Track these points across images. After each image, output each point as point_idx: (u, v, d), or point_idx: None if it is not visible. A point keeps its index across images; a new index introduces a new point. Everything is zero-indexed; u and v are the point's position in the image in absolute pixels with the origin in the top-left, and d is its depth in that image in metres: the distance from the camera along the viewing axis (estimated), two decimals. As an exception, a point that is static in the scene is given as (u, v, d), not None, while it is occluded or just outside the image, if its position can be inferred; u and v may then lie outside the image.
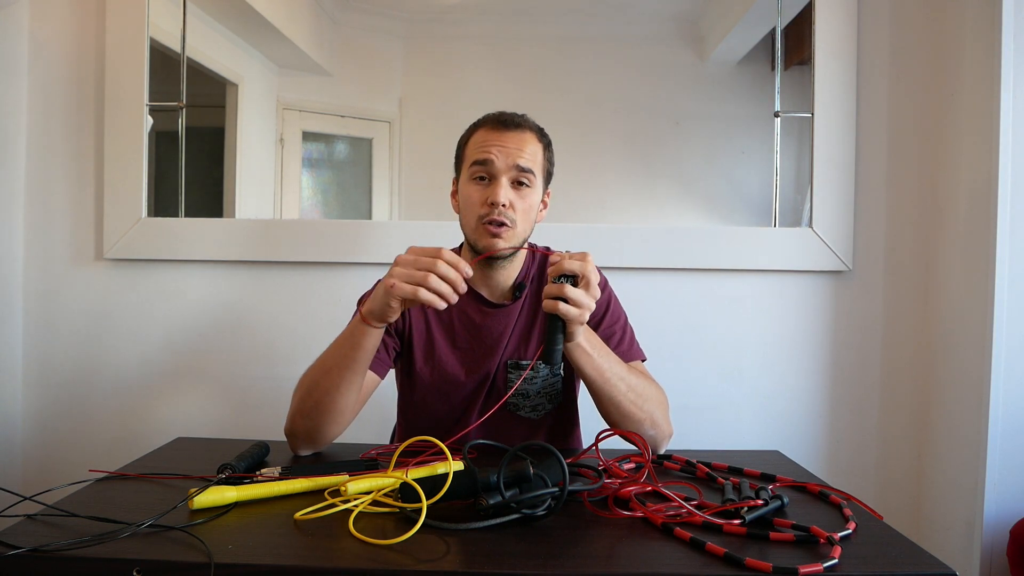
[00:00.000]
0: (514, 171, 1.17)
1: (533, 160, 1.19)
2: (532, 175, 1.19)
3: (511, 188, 1.17)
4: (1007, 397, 1.44)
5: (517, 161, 1.17)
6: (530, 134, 1.21)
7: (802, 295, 1.72)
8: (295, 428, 1.14)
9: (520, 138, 1.19)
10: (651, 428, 1.14)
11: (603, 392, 1.12)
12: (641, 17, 1.78)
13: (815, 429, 1.73)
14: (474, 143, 1.21)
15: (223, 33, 1.77)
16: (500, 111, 1.23)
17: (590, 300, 1.00)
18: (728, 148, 1.77)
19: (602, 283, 1.29)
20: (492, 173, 1.18)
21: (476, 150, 1.19)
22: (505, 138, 1.18)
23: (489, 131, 1.20)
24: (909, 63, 1.69)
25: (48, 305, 1.75)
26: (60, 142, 1.74)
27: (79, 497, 0.92)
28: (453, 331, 1.26)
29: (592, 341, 1.10)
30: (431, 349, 1.26)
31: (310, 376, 1.13)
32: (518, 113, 1.24)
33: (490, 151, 1.17)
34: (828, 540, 0.78)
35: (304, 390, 1.13)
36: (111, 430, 1.74)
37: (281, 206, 1.80)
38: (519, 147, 1.18)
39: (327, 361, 1.11)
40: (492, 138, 1.19)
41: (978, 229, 1.50)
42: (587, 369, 1.10)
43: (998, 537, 1.43)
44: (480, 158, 1.18)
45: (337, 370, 1.09)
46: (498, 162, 1.17)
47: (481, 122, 1.23)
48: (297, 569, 0.72)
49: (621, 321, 1.28)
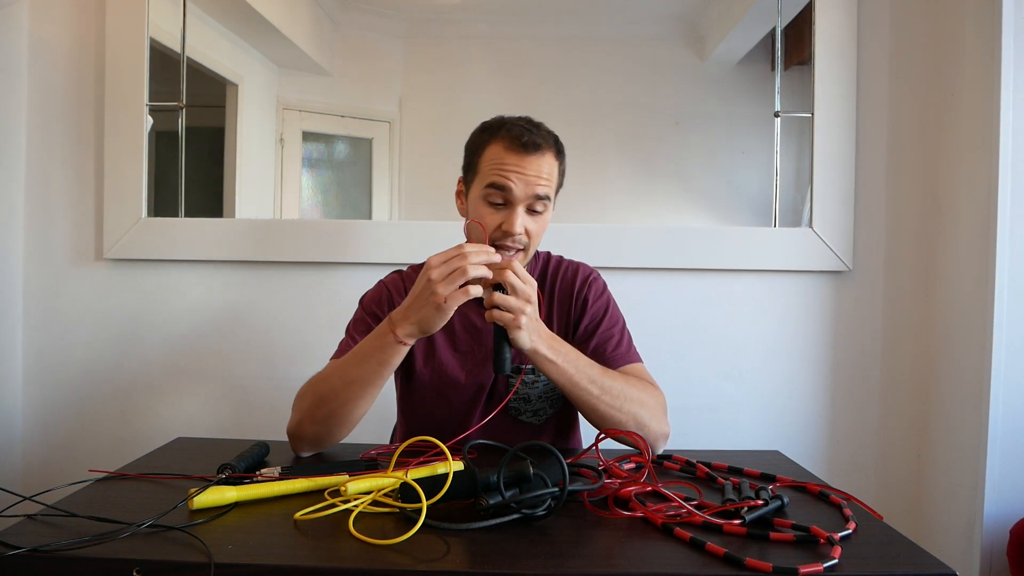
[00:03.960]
0: (531, 200, 1.13)
1: (550, 183, 1.15)
2: (548, 200, 1.16)
3: (526, 215, 1.14)
4: (1007, 397, 1.44)
5: (536, 191, 1.13)
6: (549, 154, 1.15)
7: (802, 295, 1.72)
8: (303, 432, 1.12)
9: (540, 163, 1.13)
10: (637, 429, 1.11)
11: (574, 396, 1.11)
12: (641, 17, 1.78)
13: (815, 429, 1.73)
14: (490, 159, 1.14)
15: (223, 33, 1.77)
16: (516, 122, 1.17)
17: (520, 304, 1.02)
18: (728, 148, 1.77)
19: (601, 288, 1.30)
20: (509, 200, 1.13)
21: (492, 170, 1.13)
22: (525, 163, 1.12)
23: (507, 151, 1.13)
24: (909, 63, 1.69)
25: (48, 305, 1.75)
26: (60, 142, 1.74)
27: (79, 497, 0.92)
28: (454, 334, 1.26)
29: (557, 348, 1.09)
30: (432, 351, 1.25)
31: (327, 385, 1.11)
32: (536, 126, 1.17)
33: (509, 178, 1.12)
34: (828, 540, 0.78)
35: (317, 397, 1.11)
36: (111, 430, 1.74)
37: (281, 206, 1.80)
38: (538, 173, 1.13)
39: (348, 373, 1.09)
40: (511, 162, 1.12)
41: (978, 229, 1.50)
42: (552, 375, 1.09)
43: (998, 537, 1.43)
44: (497, 182, 1.12)
45: (360, 384, 1.08)
46: (516, 191, 1.12)
47: (499, 134, 1.15)
48: (297, 569, 0.72)
49: (619, 325, 1.28)
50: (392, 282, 1.29)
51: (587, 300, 1.27)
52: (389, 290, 1.28)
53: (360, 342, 1.11)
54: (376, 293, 1.29)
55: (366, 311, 1.26)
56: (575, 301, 1.27)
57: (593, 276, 1.30)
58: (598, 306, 1.27)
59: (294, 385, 1.17)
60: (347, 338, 1.24)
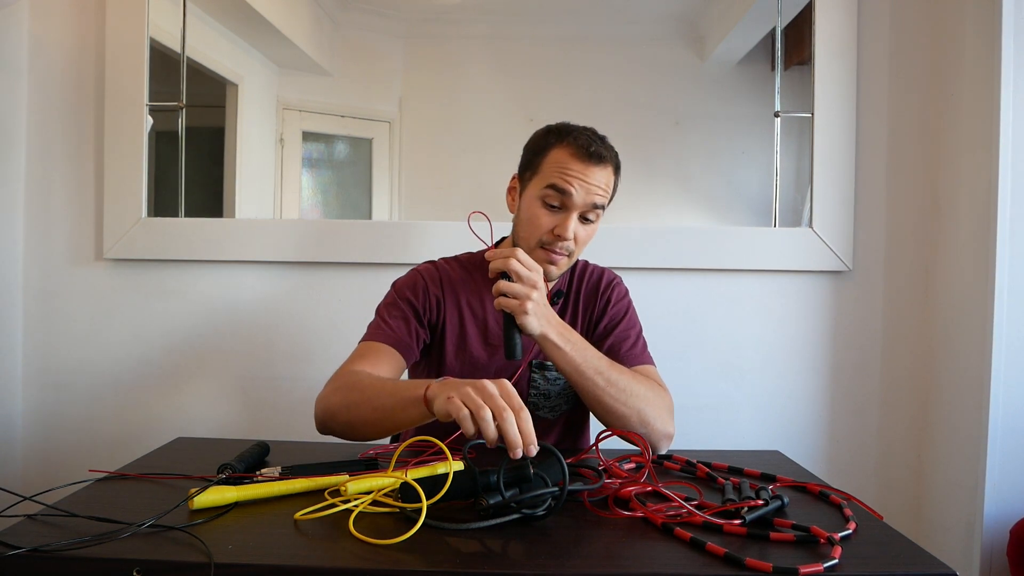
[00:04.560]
0: (588, 207, 1.18)
1: (607, 195, 1.20)
2: (601, 211, 1.21)
3: (579, 222, 1.18)
4: (1007, 397, 1.44)
5: (594, 200, 1.17)
6: (610, 168, 1.19)
7: (802, 295, 1.72)
8: (329, 423, 1.10)
9: (602, 175, 1.18)
10: (640, 426, 1.12)
11: (580, 386, 1.13)
12: (641, 17, 1.78)
13: (815, 429, 1.73)
14: (554, 162, 1.18)
15: (223, 33, 1.77)
16: (584, 132, 1.20)
17: (525, 290, 1.05)
18: (728, 148, 1.77)
19: (623, 292, 1.34)
20: (567, 205, 1.17)
21: (555, 173, 1.17)
22: (588, 172, 1.16)
23: (572, 157, 1.16)
24: (909, 63, 1.69)
25: (48, 305, 1.75)
26: (60, 142, 1.74)
27: (79, 497, 0.92)
28: (487, 327, 1.28)
29: (567, 336, 1.11)
30: (463, 342, 1.27)
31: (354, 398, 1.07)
32: (601, 139, 1.21)
33: (572, 184, 1.16)
34: (828, 540, 0.78)
35: (345, 401, 1.08)
36: (111, 430, 1.74)
37: (281, 206, 1.80)
38: (599, 185, 1.17)
39: (379, 401, 1.04)
40: (576, 169, 1.16)
41: (978, 229, 1.50)
42: (560, 363, 1.11)
43: (998, 537, 1.43)
44: (559, 185, 1.16)
45: (382, 422, 1.05)
46: (576, 198, 1.16)
47: (565, 139, 1.18)
48: (297, 569, 0.72)
49: (636, 328, 1.31)
50: (426, 270, 1.30)
51: (609, 301, 1.31)
52: (424, 277, 1.28)
53: (400, 385, 1.05)
54: (410, 279, 1.29)
55: (399, 295, 1.27)
56: (598, 302, 1.32)
57: (616, 280, 1.35)
58: (618, 308, 1.31)
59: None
60: (377, 319, 1.25)
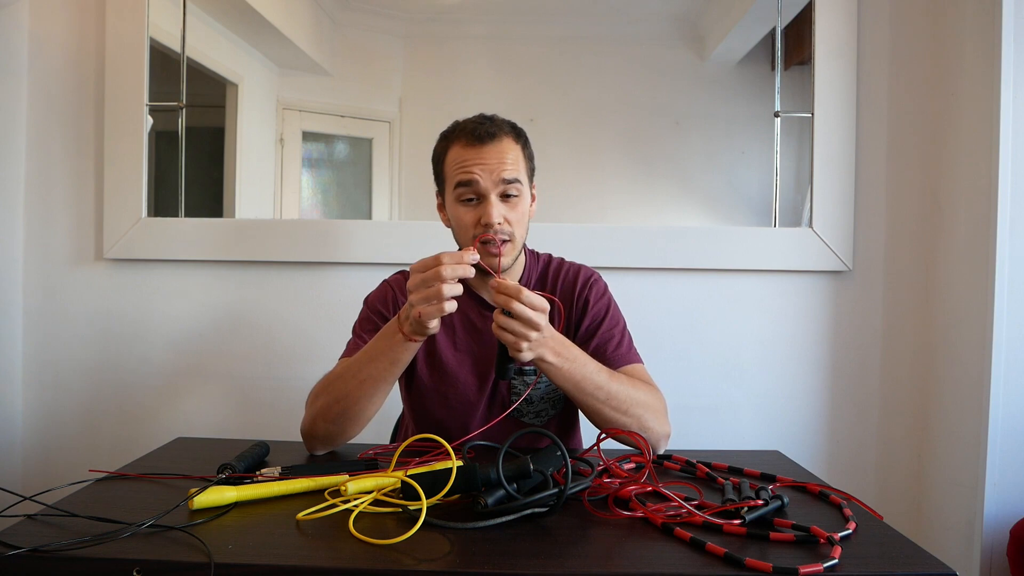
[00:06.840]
0: (501, 185, 1.15)
1: (516, 167, 1.17)
2: (519, 183, 1.17)
3: (501, 203, 1.16)
4: (1007, 397, 1.44)
5: (502, 175, 1.15)
6: (507, 140, 1.17)
7: (802, 295, 1.72)
8: (317, 431, 1.14)
9: (498, 149, 1.16)
10: (640, 431, 1.11)
11: (579, 401, 1.12)
12: (641, 17, 1.78)
13: (815, 429, 1.73)
14: (452, 161, 1.18)
15: (223, 33, 1.77)
16: (470, 120, 1.19)
17: (524, 330, 1.00)
18: (728, 148, 1.77)
19: (602, 289, 1.30)
20: (479, 192, 1.15)
21: (456, 170, 1.16)
22: (484, 153, 1.15)
23: (465, 147, 1.16)
24: (909, 63, 1.69)
25: (48, 305, 1.75)
26: (60, 142, 1.74)
27: (79, 497, 0.92)
28: (455, 333, 1.26)
29: (564, 354, 1.08)
30: (433, 350, 1.26)
31: (340, 384, 1.12)
32: (488, 118, 1.20)
33: (472, 171, 1.14)
34: (828, 540, 0.78)
35: (331, 397, 1.12)
36: (111, 430, 1.74)
37: (281, 206, 1.80)
38: (500, 160, 1.15)
39: (361, 372, 1.10)
40: (470, 156, 1.15)
41: (978, 229, 1.50)
42: (558, 382, 1.10)
43: (998, 537, 1.43)
44: (463, 179, 1.15)
45: (372, 382, 1.09)
46: (483, 181, 1.14)
47: (453, 136, 1.19)
48: (297, 569, 0.72)
49: (620, 326, 1.28)
50: (396, 282, 1.30)
51: (588, 301, 1.27)
52: (393, 289, 1.28)
53: (370, 341, 1.12)
54: (381, 292, 1.29)
55: (371, 310, 1.27)
56: (576, 303, 1.28)
57: (594, 278, 1.31)
58: (599, 307, 1.27)
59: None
60: (354, 338, 1.25)
